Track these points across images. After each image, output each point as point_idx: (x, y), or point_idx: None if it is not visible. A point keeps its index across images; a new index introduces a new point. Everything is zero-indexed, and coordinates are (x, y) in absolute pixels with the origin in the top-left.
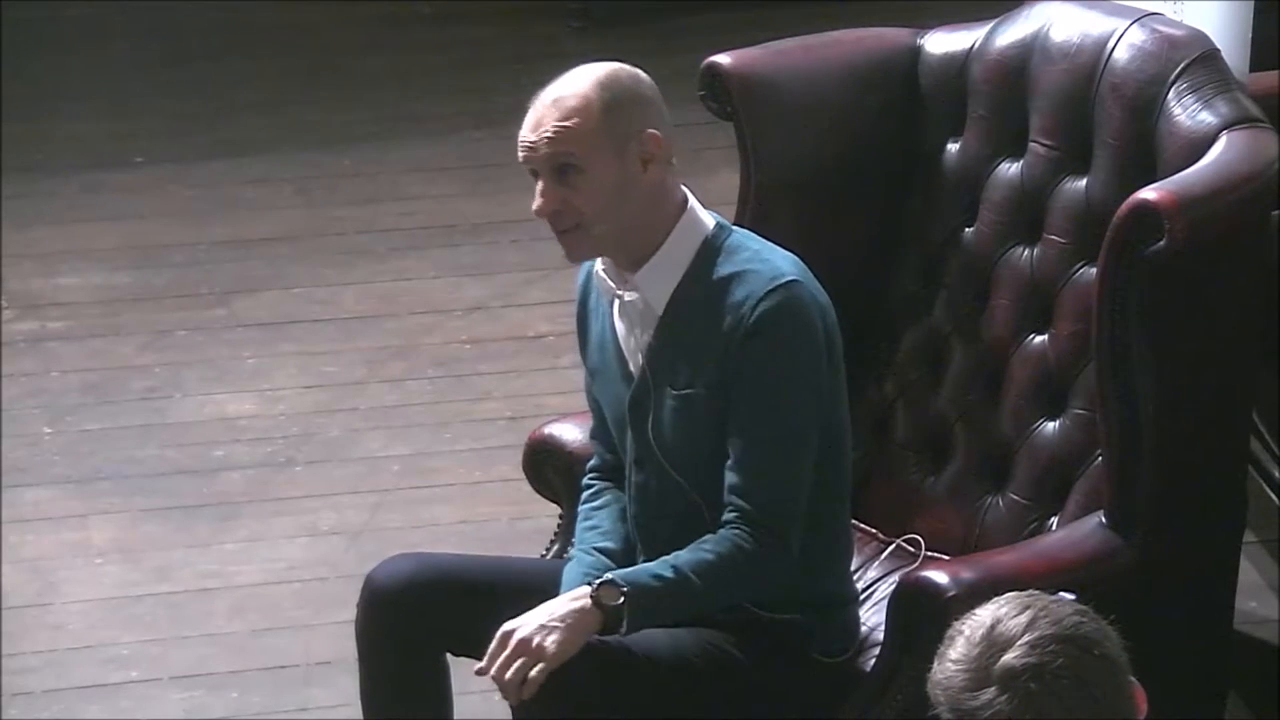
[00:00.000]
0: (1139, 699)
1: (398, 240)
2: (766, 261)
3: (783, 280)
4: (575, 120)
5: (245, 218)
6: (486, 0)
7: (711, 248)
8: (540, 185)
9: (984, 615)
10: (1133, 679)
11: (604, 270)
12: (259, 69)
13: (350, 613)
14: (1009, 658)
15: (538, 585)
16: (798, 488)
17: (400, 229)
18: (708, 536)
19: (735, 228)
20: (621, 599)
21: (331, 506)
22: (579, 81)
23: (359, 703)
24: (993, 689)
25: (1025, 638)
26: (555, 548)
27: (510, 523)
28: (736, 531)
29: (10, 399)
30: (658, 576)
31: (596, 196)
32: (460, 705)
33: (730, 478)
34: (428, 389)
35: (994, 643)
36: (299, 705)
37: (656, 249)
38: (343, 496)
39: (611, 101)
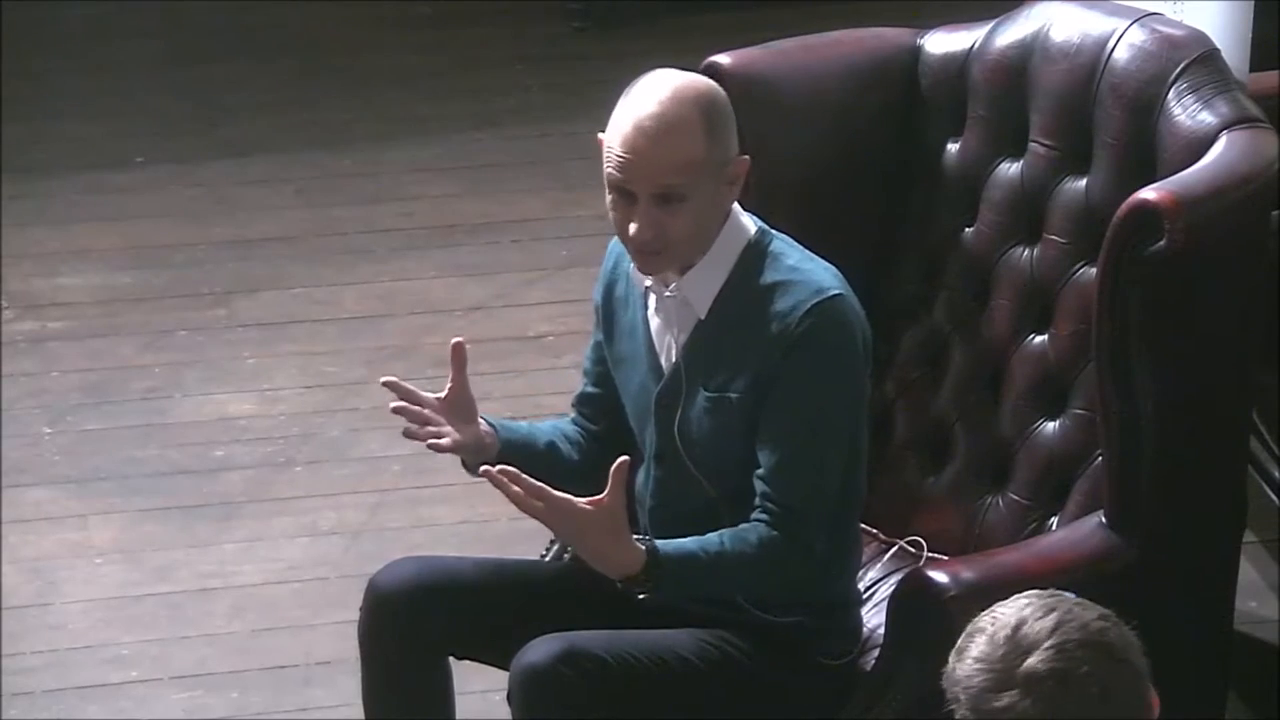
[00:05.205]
0: (1153, 705)
1: (398, 240)
2: (809, 273)
3: (828, 294)
4: (684, 149)
5: (245, 218)
6: (487, 0)
7: (754, 253)
8: (640, 210)
9: (1008, 615)
10: (1151, 686)
11: None
12: (259, 69)
13: (350, 613)
14: (1034, 661)
15: (539, 587)
16: (826, 494)
17: (400, 229)
18: (744, 525)
19: (774, 232)
20: (657, 566)
21: (331, 506)
22: (682, 104)
23: (359, 703)
24: (1016, 691)
25: (1051, 641)
26: (555, 548)
27: (510, 523)
28: (768, 529)
29: (10, 399)
30: (702, 550)
31: (692, 222)
32: (461, 706)
33: (763, 478)
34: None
35: (1019, 644)
36: (299, 705)
37: (703, 253)
38: (343, 496)
39: (715, 128)
